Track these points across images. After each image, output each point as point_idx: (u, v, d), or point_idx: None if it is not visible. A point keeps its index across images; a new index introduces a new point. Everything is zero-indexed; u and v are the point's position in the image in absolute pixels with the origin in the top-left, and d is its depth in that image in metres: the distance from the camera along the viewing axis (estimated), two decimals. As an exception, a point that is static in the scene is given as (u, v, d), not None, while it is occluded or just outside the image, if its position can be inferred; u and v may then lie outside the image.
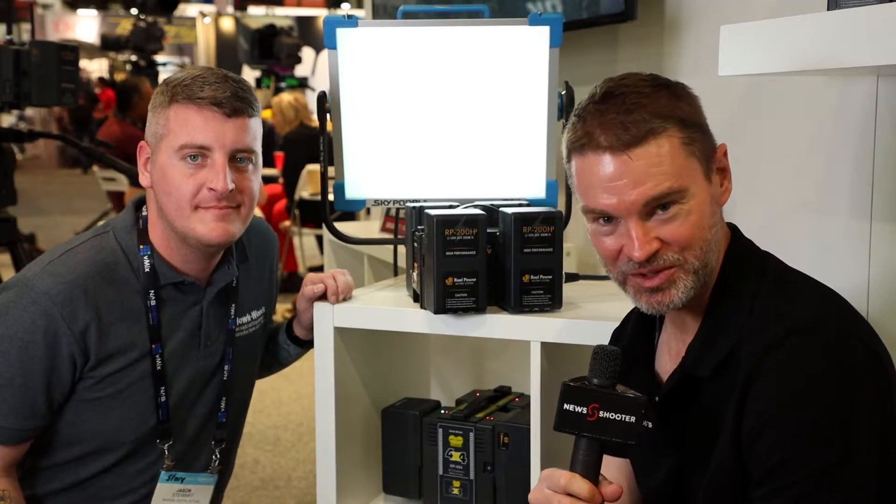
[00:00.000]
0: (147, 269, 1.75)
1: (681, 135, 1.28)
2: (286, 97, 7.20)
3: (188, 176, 1.69)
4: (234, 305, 1.87)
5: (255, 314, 1.95)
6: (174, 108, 1.70)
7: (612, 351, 1.24)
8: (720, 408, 1.26)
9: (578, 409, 1.22)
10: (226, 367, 1.87)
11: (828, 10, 1.44)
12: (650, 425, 1.39)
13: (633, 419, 1.21)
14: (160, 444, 1.81)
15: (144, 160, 1.77)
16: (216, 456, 1.90)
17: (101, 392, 1.73)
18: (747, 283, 1.30)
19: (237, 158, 1.72)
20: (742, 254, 1.34)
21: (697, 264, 1.28)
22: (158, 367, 1.77)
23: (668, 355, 1.41)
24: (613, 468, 1.51)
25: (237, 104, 1.70)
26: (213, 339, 1.85)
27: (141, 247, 1.76)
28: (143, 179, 1.78)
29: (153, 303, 1.75)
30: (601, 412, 1.21)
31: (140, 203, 1.82)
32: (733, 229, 1.37)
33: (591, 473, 1.23)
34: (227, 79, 1.73)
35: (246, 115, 1.72)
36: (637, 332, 1.45)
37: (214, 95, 1.69)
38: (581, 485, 1.22)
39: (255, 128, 1.75)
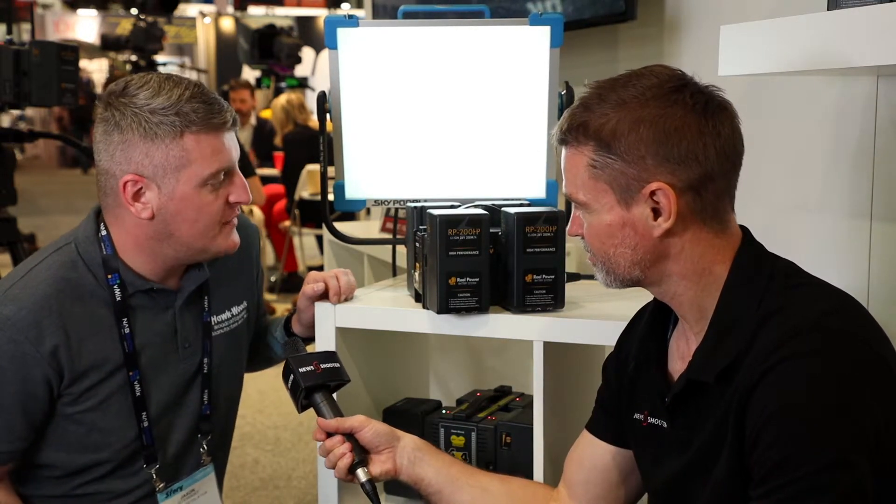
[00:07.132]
0: (119, 298, 1.72)
1: (593, 156, 1.30)
2: (279, 100, 7.21)
3: (215, 198, 1.70)
4: (207, 299, 1.85)
5: (235, 310, 1.93)
6: (189, 138, 1.65)
7: (291, 341, 1.71)
8: (727, 411, 1.26)
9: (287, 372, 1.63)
10: (205, 360, 1.85)
11: (828, 10, 1.44)
12: (661, 423, 1.39)
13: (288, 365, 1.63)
14: (146, 469, 1.79)
15: (134, 193, 1.67)
16: (203, 448, 1.89)
17: (82, 406, 1.72)
18: (754, 287, 1.29)
19: None
20: (750, 259, 1.32)
21: (602, 267, 1.36)
22: (138, 394, 1.75)
23: (678, 355, 1.41)
24: (608, 457, 1.54)
25: (234, 113, 1.72)
26: (192, 341, 1.83)
27: (109, 276, 1.72)
28: (141, 212, 1.68)
29: (127, 330, 1.73)
30: (290, 372, 1.62)
31: (101, 210, 1.77)
32: (745, 233, 1.36)
33: (321, 413, 1.61)
34: (202, 88, 1.69)
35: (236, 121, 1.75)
36: (649, 332, 1.45)
37: (225, 116, 1.69)
38: (318, 423, 1.60)
39: None
